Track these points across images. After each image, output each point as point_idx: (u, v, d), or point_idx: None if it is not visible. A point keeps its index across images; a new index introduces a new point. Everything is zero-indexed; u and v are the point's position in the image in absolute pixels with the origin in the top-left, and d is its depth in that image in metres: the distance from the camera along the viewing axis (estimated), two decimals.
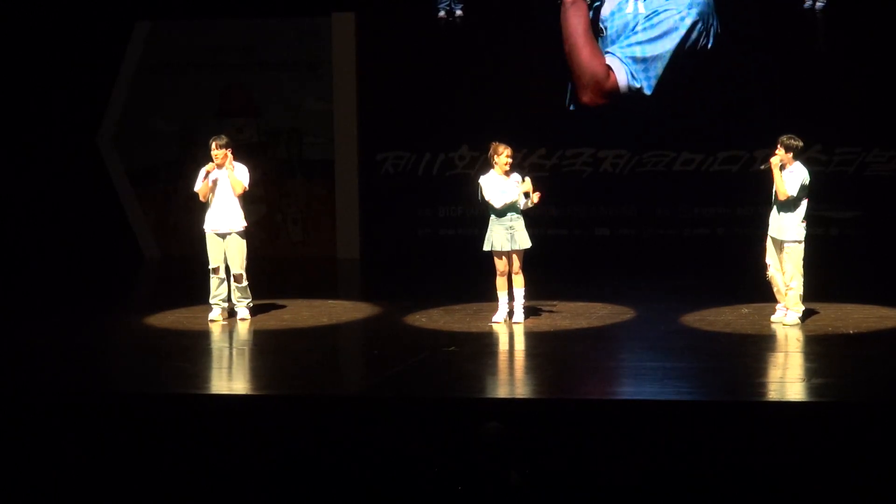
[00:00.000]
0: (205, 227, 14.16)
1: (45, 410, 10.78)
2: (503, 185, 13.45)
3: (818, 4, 17.52)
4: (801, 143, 13.21)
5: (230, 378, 12.49)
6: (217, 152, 14.00)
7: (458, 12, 18.34)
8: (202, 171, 14.09)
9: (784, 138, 13.18)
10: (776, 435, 9.94)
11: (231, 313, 14.25)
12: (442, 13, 18.35)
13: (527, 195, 13.42)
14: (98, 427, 10.35)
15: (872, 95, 17.60)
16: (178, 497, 9.10)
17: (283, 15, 18.92)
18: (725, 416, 10.41)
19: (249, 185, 14.19)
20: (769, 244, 13.34)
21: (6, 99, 19.09)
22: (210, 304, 14.21)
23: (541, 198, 13.44)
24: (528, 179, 13.44)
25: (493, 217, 13.51)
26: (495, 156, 13.49)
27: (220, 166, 14.03)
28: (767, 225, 13.34)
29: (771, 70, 17.78)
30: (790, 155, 13.14)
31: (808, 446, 9.56)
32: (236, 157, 14.23)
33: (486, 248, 13.58)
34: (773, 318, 13.43)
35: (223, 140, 14.11)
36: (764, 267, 13.39)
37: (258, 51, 19.08)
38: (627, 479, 8.83)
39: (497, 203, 13.42)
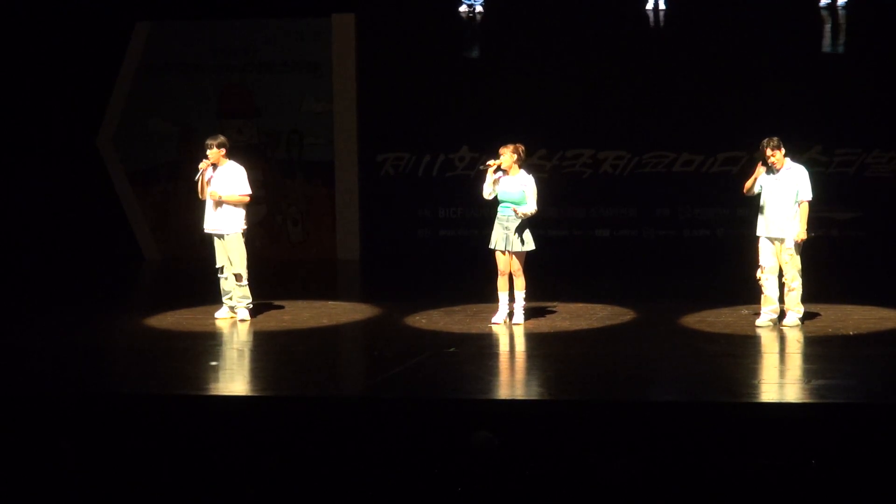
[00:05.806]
0: (203, 226, 14.17)
1: (44, 410, 10.78)
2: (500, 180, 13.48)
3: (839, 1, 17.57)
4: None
5: (230, 379, 12.49)
6: (208, 152, 14.01)
7: (479, 8, 18.37)
8: (200, 168, 14.12)
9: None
10: (776, 436, 9.93)
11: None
12: (464, 7, 18.38)
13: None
14: (97, 428, 10.35)
15: (873, 97, 17.59)
16: (178, 498, 9.10)
17: (283, 16, 18.91)
18: (725, 418, 10.40)
19: (251, 187, 14.17)
20: (765, 245, 13.25)
21: (6, 100, 19.07)
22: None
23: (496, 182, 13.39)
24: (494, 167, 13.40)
25: (497, 214, 13.53)
26: None
27: (213, 165, 14.03)
28: (758, 227, 13.26)
29: (772, 71, 17.78)
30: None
31: (808, 448, 9.55)
32: (236, 159, 14.22)
33: (490, 245, 13.60)
34: (758, 322, 13.27)
35: (218, 139, 14.09)
36: (758, 269, 13.29)
37: (258, 52, 19.06)
38: (627, 480, 8.83)
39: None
